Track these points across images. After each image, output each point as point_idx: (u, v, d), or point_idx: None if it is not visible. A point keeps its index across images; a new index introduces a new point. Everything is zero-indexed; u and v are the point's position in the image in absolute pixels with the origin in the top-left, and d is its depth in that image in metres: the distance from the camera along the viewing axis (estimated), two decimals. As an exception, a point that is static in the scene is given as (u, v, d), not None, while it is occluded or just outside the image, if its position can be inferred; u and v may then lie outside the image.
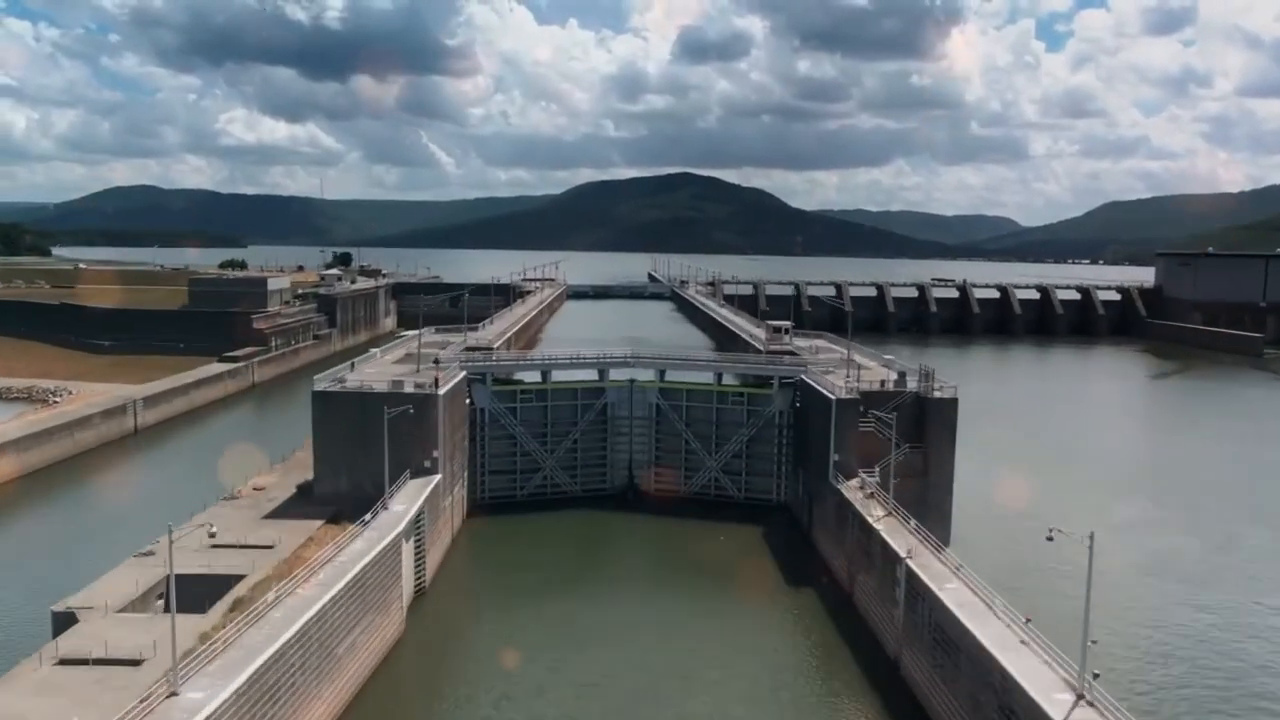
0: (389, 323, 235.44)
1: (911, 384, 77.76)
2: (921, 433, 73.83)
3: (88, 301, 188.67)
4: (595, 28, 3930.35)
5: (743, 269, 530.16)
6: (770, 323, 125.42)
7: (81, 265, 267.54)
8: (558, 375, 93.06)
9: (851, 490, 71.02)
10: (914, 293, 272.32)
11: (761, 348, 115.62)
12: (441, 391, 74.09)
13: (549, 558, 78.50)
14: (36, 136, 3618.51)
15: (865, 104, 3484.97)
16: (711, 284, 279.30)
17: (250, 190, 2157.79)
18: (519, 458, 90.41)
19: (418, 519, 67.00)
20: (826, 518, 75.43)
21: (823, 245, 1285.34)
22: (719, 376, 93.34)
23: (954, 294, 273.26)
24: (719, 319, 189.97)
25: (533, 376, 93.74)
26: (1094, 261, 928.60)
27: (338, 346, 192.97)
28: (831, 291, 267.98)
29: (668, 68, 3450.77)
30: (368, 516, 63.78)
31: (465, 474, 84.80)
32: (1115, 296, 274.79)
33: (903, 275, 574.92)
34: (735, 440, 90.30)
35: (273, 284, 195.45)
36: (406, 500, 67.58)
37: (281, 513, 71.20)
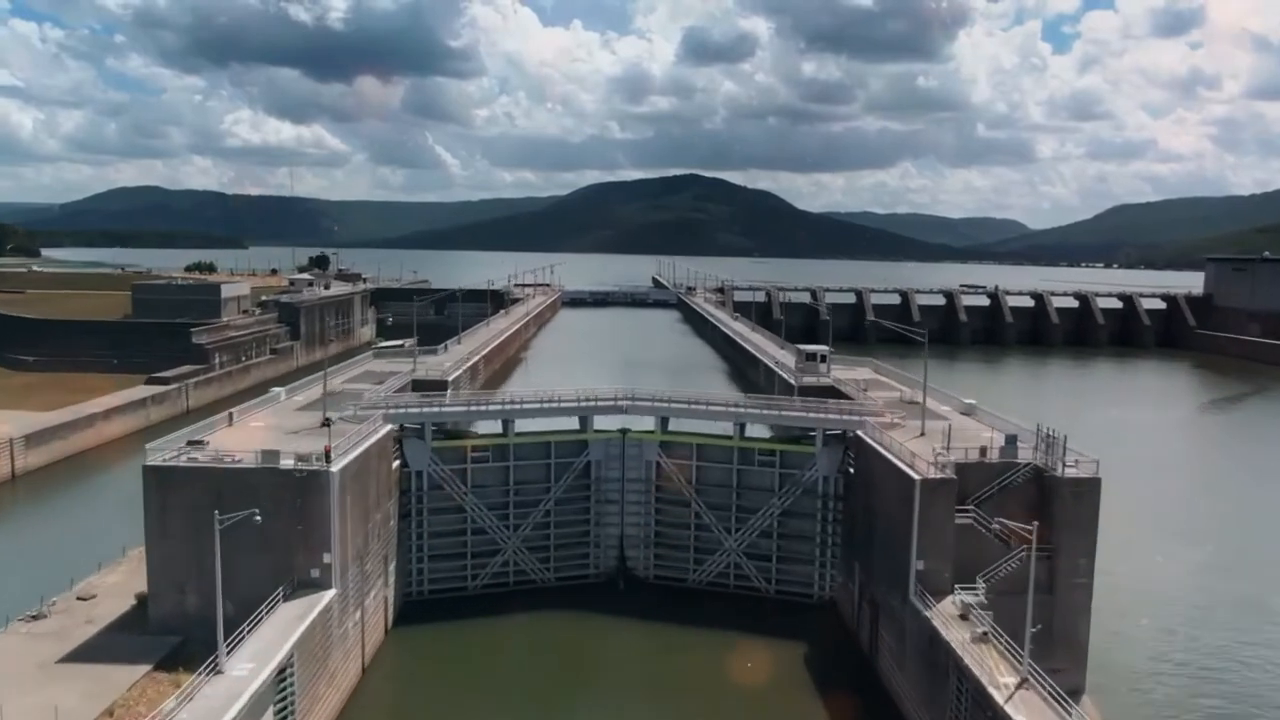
0: (365, 333, 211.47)
1: (1025, 451, 53.18)
2: (1045, 527, 49.11)
3: (14, 310, 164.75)
4: (599, 29, 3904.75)
5: (750, 272, 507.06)
6: (803, 347, 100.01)
7: (34, 268, 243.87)
8: (524, 424, 68.69)
9: (949, 623, 46.57)
10: (940, 300, 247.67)
11: (791, 379, 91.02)
12: (337, 468, 49.76)
13: (509, 681, 54.53)
14: (43, 137, 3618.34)
15: (871, 106, 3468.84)
16: (720, 290, 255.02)
17: (256, 191, 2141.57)
18: (470, 537, 66.19)
19: (282, 675, 42.67)
20: (904, 653, 50.98)
21: (829, 248, 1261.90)
22: (741, 427, 68.71)
23: (984, 301, 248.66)
24: (734, 337, 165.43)
25: (491, 426, 69.39)
26: (1108, 265, 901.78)
27: (300, 361, 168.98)
28: (851, 299, 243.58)
29: (672, 69, 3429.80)
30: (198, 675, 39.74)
31: (391, 567, 60.53)
32: (1160, 305, 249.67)
33: (919, 280, 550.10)
34: (763, 514, 65.96)
35: (227, 290, 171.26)
36: (268, 641, 43.38)
37: (93, 649, 47.14)
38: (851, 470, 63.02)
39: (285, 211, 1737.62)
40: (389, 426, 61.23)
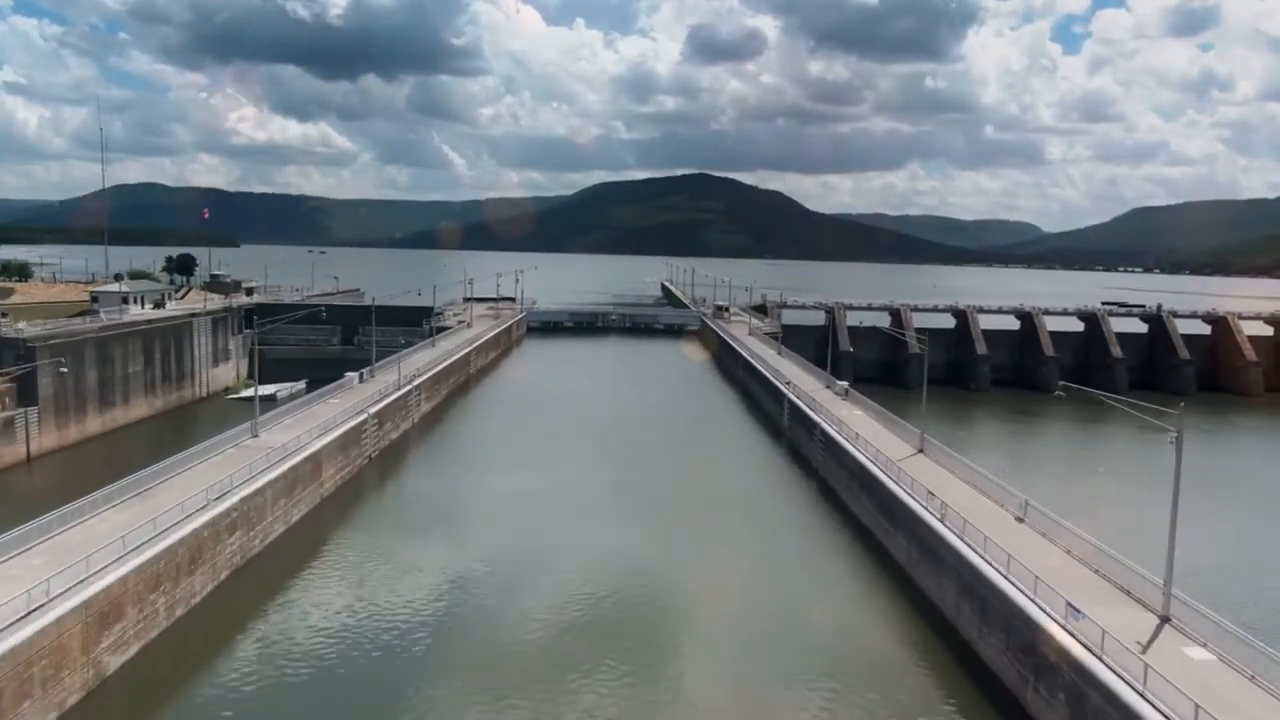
0: (225, 373, 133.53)
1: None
2: None
3: None
4: (603, 27, 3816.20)
5: (768, 276, 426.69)
6: None
7: None
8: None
9: None
10: (1074, 324, 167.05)
11: None
12: None
13: None
14: (48, 134, 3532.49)
15: (879, 107, 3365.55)
16: (761, 309, 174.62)
17: (261, 189, 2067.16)
18: None
19: None
20: None
21: (842, 250, 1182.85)
22: None
23: (1077, 325, 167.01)
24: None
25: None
26: (1148, 270, 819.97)
27: (40, 445, 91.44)
28: (947, 321, 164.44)
29: (678, 68, 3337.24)
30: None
31: None
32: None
33: (973, 288, 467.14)
34: None
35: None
36: None
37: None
38: None
39: (290, 210, 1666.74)
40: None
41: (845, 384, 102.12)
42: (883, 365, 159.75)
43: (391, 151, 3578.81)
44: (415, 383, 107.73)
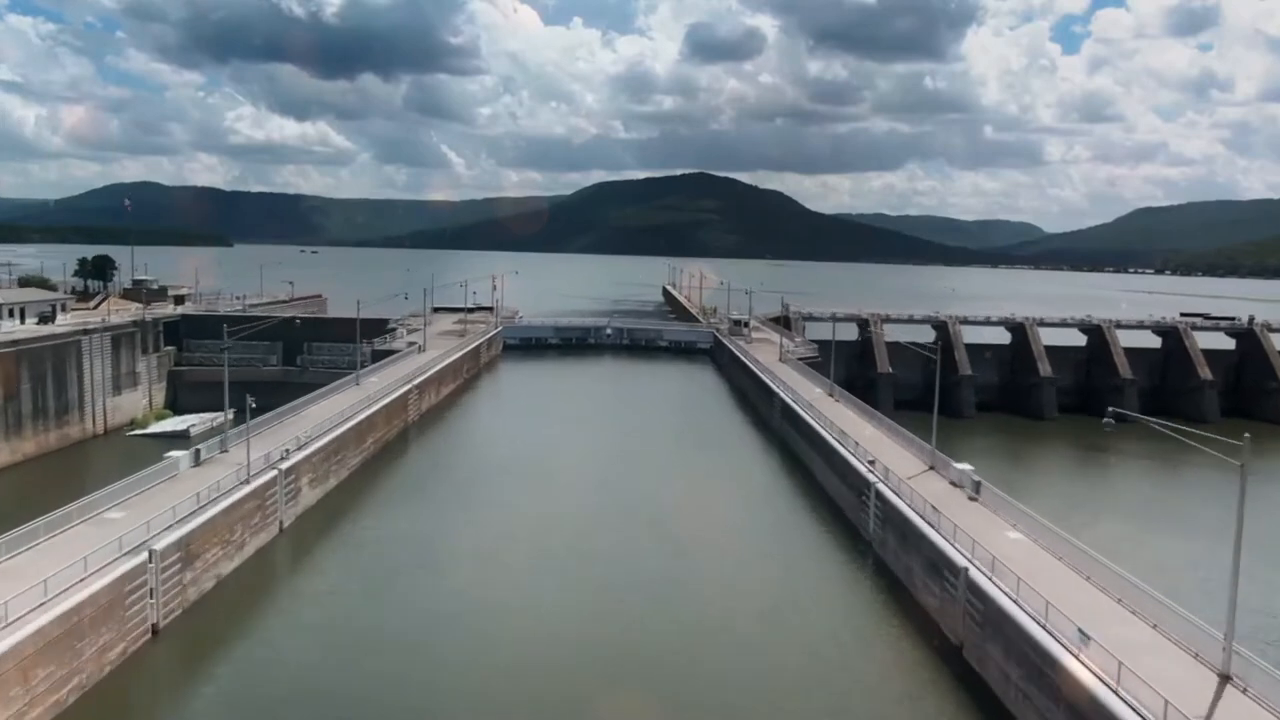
0: (131, 403, 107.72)
1: None
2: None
3: None
4: (601, 27, 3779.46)
5: (773, 277, 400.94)
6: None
7: None
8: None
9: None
10: (1150, 339, 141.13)
11: None
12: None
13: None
14: (46, 133, 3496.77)
15: (879, 107, 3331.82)
16: (783, 319, 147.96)
17: (260, 189, 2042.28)
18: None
19: None
20: None
21: (844, 250, 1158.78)
22: None
23: (1150, 340, 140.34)
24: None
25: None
26: (1159, 272, 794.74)
27: None
28: (1000, 335, 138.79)
29: (676, 68, 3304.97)
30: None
31: None
32: None
33: (983, 288, 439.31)
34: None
35: None
36: None
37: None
38: None
39: (287, 209, 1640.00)
40: None
41: (970, 471, 61.82)
42: (926, 388, 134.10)
43: (390, 151, 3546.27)
44: (293, 460, 66.04)
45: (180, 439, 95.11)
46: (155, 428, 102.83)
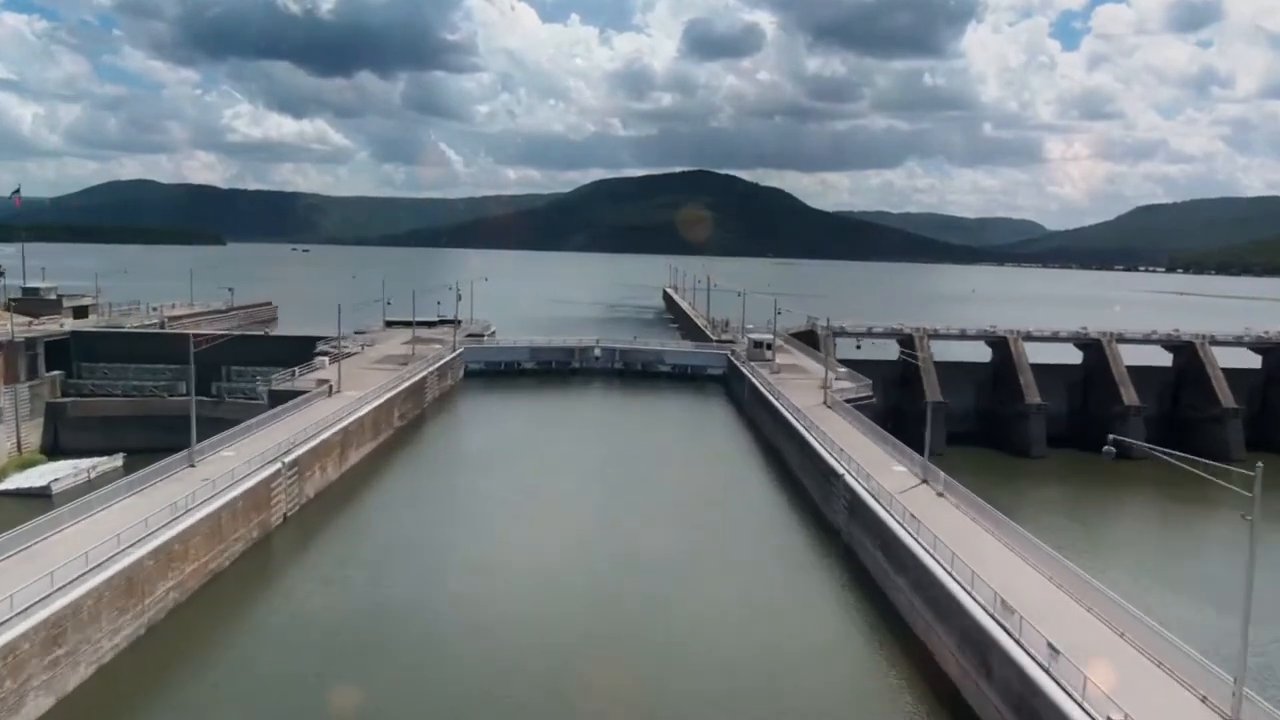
0: None
1: None
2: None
3: None
4: (598, 24, 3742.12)
5: (777, 277, 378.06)
6: None
7: None
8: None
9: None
10: (1250, 358, 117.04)
11: None
12: None
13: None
14: (43, 131, 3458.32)
15: (878, 104, 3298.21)
16: (809, 335, 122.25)
17: (257, 186, 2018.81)
18: None
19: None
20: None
21: (845, 248, 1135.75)
22: None
23: (1249, 359, 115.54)
24: None
25: None
26: (1169, 270, 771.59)
27: None
28: (1073, 353, 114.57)
29: (674, 65, 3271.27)
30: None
31: None
32: None
33: (988, 287, 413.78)
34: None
35: None
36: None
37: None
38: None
39: (283, 207, 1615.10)
40: None
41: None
42: (980, 417, 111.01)
43: (388, 149, 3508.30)
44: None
45: (39, 496, 71.84)
46: (7, 483, 78.87)
